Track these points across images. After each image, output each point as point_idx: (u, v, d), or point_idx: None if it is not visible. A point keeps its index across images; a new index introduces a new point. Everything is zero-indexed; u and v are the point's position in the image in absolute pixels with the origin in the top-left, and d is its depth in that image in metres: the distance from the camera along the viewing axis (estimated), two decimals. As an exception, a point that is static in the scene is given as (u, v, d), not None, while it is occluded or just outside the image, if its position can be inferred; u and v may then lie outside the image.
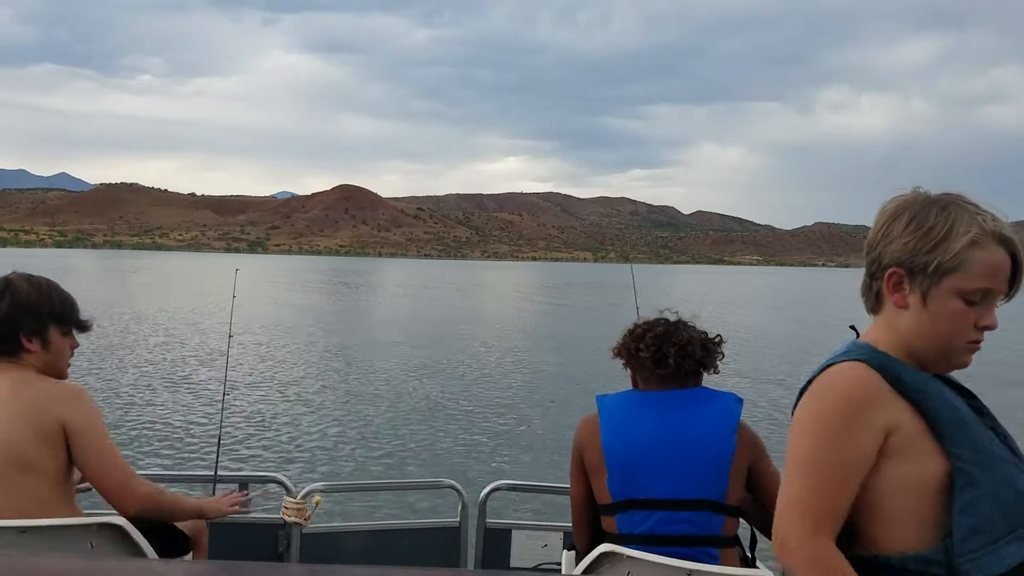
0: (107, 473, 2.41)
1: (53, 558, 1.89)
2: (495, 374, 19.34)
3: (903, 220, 1.55)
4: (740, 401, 2.56)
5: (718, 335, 2.68)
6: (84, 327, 2.59)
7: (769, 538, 2.13)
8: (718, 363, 2.65)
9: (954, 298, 1.51)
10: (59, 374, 2.54)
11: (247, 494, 3.00)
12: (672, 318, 2.69)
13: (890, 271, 1.55)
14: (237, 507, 2.82)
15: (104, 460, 2.41)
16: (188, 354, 20.88)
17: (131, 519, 2.47)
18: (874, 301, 1.59)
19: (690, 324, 2.67)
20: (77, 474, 2.53)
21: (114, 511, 2.44)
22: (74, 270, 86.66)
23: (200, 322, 30.17)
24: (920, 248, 1.52)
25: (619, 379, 2.55)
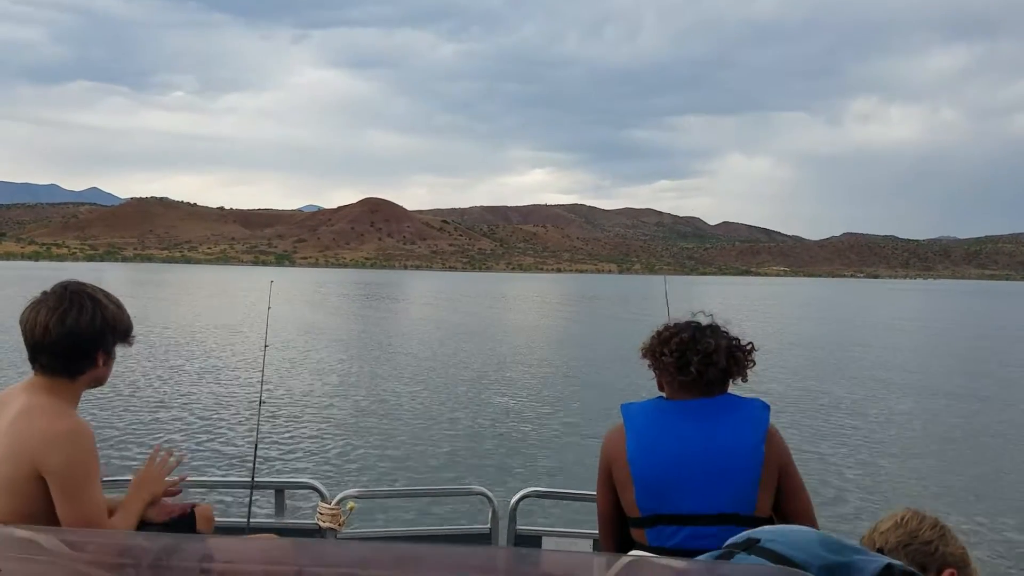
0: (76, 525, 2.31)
1: (134, 536, 1.89)
2: (525, 383, 19.55)
3: (949, 531, 1.96)
4: (767, 407, 2.49)
5: (750, 343, 2.62)
6: (132, 342, 2.60)
7: None
8: (747, 372, 2.58)
9: None
10: (101, 383, 2.54)
11: (173, 455, 2.72)
12: (705, 322, 2.62)
13: (950, 570, 1.90)
14: (165, 473, 2.63)
15: (74, 513, 2.30)
16: (224, 364, 21.34)
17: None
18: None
19: (721, 330, 2.60)
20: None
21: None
22: (108, 283, 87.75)
23: (234, 333, 30.74)
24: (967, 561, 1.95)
25: (646, 386, 2.53)
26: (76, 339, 2.39)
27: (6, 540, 1.56)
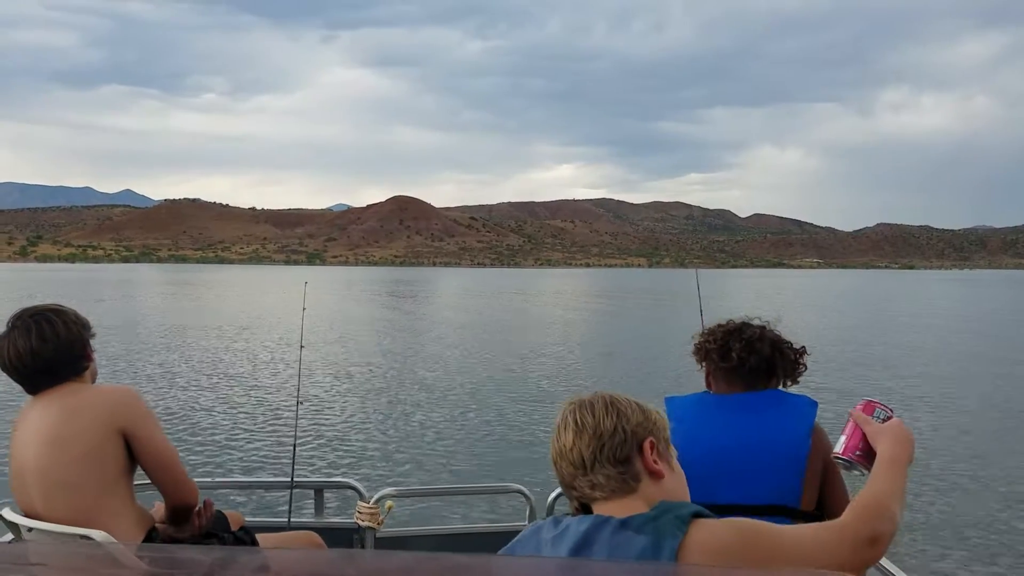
0: (168, 470, 2.68)
1: (189, 549, 1.95)
2: (561, 379, 19.41)
3: (617, 400, 1.74)
4: (815, 404, 2.47)
5: (802, 346, 2.60)
6: (94, 335, 2.84)
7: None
8: (797, 374, 2.58)
9: None
10: (95, 376, 2.83)
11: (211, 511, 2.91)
12: (757, 323, 2.63)
13: (649, 441, 1.69)
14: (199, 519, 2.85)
15: (165, 457, 2.67)
16: (261, 365, 21.44)
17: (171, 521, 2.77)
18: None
19: (771, 329, 2.60)
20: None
21: (97, 529, 2.49)
22: (145, 284, 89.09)
23: (270, 333, 30.86)
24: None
25: (686, 383, 2.63)
26: (63, 347, 2.64)
27: (59, 552, 1.60)
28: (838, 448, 1.96)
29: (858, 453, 1.92)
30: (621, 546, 1.53)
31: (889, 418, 1.92)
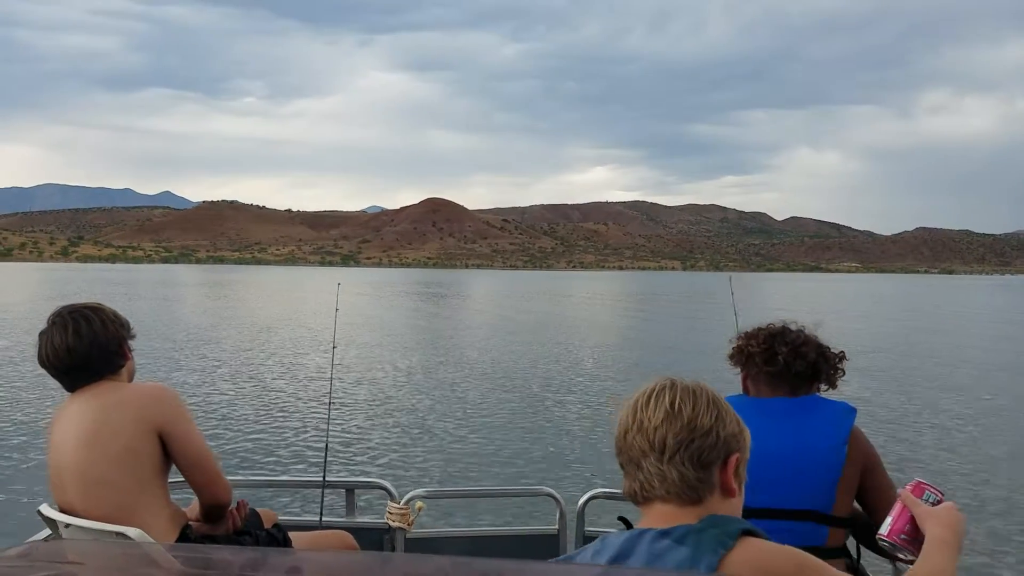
0: (203, 469, 2.70)
1: (221, 550, 1.95)
2: (591, 382, 19.30)
3: (722, 404, 1.66)
4: (853, 411, 2.47)
5: (841, 351, 2.61)
6: (134, 335, 2.87)
7: (872, 549, 2.21)
8: (836, 378, 2.59)
9: None
10: (133, 375, 2.85)
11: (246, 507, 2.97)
12: (794, 327, 2.64)
13: (735, 456, 1.60)
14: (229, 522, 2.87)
15: (200, 456, 2.69)
16: (294, 365, 21.55)
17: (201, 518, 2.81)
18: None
19: (811, 335, 2.61)
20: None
21: (133, 526, 2.53)
22: (184, 284, 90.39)
23: (302, 333, 31.07)
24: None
25: (721, 386, 2.17)
26: (99, 344, 2.67)
27: (97, 551, 1.61)
28: (883, 530, 1.92)
29: (903, 537, 1.86)
30: (659, 555, 1.47)
31: (939, 501, 1.86)
